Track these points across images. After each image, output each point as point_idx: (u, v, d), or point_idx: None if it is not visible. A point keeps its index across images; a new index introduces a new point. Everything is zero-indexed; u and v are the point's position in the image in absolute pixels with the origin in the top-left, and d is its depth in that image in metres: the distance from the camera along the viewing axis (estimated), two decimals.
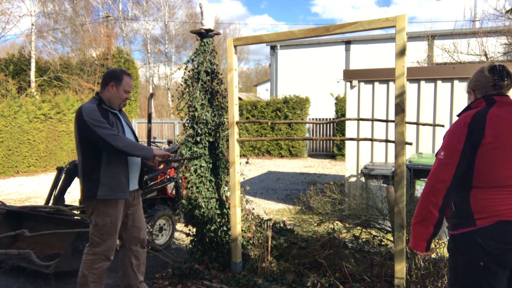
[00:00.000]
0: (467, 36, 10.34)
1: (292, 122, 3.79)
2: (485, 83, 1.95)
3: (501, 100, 1.89)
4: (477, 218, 1.80)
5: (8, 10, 16.78)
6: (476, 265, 1.79)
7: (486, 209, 1.79)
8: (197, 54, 3.85)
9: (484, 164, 1.79)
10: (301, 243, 4.12)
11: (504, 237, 1.74)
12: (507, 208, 1.77)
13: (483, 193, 1.82)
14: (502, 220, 1.76)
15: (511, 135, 1.80)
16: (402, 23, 2.83)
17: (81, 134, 2.84)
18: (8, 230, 4.32)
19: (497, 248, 1.74)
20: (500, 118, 1.82)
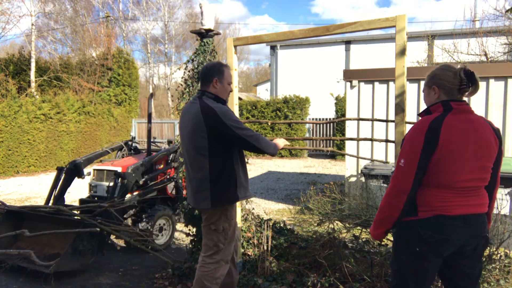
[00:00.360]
0: (467, 36, 10.33)
1: (292, 122, 3.80)
2: (453, 85, 2.06)
3: (457, 107, 2.03)
4: (420, 210, 2.01)
5: (8, 10, 16.78)
6: (413, 249, 2.02)
7: (429, 203, 1.99)
8: (197, 54, 3.85)
9: (436, 169, 1.97)
10: (301, 243, 4.12)
11: (439, 229, 1.96)
12: (448, 205, 1.97)
13: (429, 191, 2.01)
14: (440, 214, 1.97)
15: (462, 143, 1.96)
16: (402, 23, 2.83)
17: (217, 137, 2.60)
18: (8, 230, 4.32)
19: (432, 237, 1.96)
20: (454, 127, 1.97)
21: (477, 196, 2.02)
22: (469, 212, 1.98)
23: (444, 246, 1.97)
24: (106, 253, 4.22)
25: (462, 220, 1.96)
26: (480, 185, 2.03)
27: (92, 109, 14.50)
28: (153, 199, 5.32)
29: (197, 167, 2.66)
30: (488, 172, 2.05)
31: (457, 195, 1.98)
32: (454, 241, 1.97)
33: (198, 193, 2.68)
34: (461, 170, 1.96)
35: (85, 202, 5.01)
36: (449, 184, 1.97)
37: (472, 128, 2.00)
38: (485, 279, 3.11)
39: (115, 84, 16.59)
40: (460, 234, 1.97)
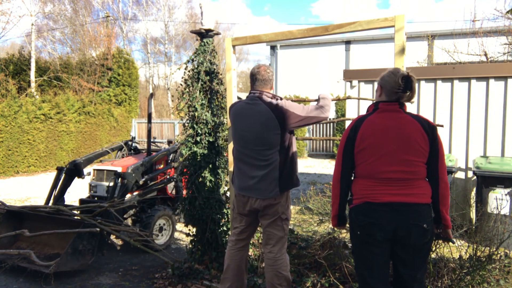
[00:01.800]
0: (467, 36, 10.33)
1: None
2: (392, 88, 2.31)
3: (384, 107, 2.31)
4: (354, 199, 2.35)
5: (8, 10, 16.78)
6: (355, 234, 2.34)
7: (359, 192, 2.32)
8: (197, 54, 3.85)
9: (359, 161, 2.30)
10: (301, 243, 4.12)
11: (368, 213, 2.26)
12: (373, 193, 2.25)
13: (360, 181, 2.33)
14: (368, 201, 2.27)
15: (380, 138, 2.24)
16: (401, 22, 2.83)
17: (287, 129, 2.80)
18: (8, 230, 4.33)
19: (362, 221, 2.26)
20: (373, 124, 2.27)
21: (406, 186, 2.22)
22: (395, 200, 2.20)
23: (374, 229, 2.22)
24: (106, 253, 4.22)
25: (388, 207, 2.21)
26: (407, 178, 2.23)
27: (92, 109, 14.50)
28: (153, 199, 5.32)
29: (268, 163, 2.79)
30: (414, 165, 2.23)
31: (380, 185, 2.24)
32: (383, 225, 2.20)
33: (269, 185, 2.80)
34: (380, 162, 2.23)
35: (85, 202, 5.01)
36: (371, 175, 2.26)
37: (394, 125, 2.25)
38: (485, 279, 3.11)
39: (115, 84, 16.59)
40: (388, 219, 2.20)
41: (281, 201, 2.85)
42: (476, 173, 4.82)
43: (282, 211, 2.87)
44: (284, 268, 2.86)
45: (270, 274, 2.86)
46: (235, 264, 3.01)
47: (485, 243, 3.22)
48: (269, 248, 2.90)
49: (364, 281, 2.32)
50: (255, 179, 2.83)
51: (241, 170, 2.93)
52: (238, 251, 3.03)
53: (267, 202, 2.83)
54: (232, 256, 3.03)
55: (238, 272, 3.02)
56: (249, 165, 2.86)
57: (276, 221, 2.88)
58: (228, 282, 3.02)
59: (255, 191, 2.84)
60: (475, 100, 5.51)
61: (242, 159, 2.91)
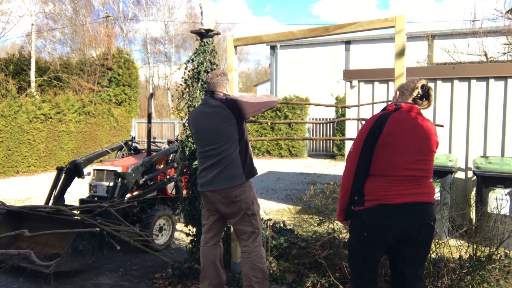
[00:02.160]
0: (467, 36, 10.33)
1: (292, 122, 3.80)
2: (409, 95, 2.38)
3: (407, 107, 2.34)
4: (366, 200, 2.29)
5: (8, 10, 16.77)
6: (361, 235, 2.32)
7: (373, 193, 2.28)
8: (197, 54, 3.85)
9: (378, 156, 2.26)
10: (301, 243, 4.12)
11: (382, 216, 2.23)
12: (388, 194, 2.23)
13: (374, 180, 2.29)
14: (382, 203, 2.24)
15: (403, 133, 2.27)
16: (401, 23, 2.83)
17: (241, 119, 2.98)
18: (8, 230, 4.33)
19: (376, 224, 2.24)
20: (398, 120, 2.28)
21: (416, 185, 2.26)
22: (407, 201, 2.23)
23: (387, 231, 2.24)
24: (106, 253, 4.22)
25: (402, 208, 2.22)
26: (419, 175, 2.27)
27: (92, 109, 14.50)
28: (153, 199, 5.32)
29: (228, 155, 2.92)
30: (427, 164, 2.31)
31: (394, 185, 2.24)
32: (396, 227, 2.22)
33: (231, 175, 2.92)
34: (399, 159, 2.24)
35: (85, 202, 5.01)
36: (388, 172, 2.25)
37: (415, 124, 2.30)
38: (485, 279, 3.11)
39: (115, 84, 16.58)
40: (400, 220, 2.22)
41: (243, 198, 2.94)
42: (476, 173, 4.82)
43: (246, 207, 2.96)
44: (258, 260, 2.97)
45: (245, 266, 2.99)
46: (210, 262, 3.12)
47: (485, 243, 3.23)
48: (243, 243, 3.03)
49: (360, 274, 2.40)
50: (217, 172, 2.94)
51: (204, 168, 3.03)
52: (210, 249, 3.13)
53: (229, 199, 2.92)
54: (206, 255, 3.13)
55: (214, 269, 3.13)
56: (211, 161, 2.97)
57: (243, 218, 2.98)
58: (207, 280, 3.12)
59: (218, 183, 2.93)
60: (475, 100, 5.51)
61: (205, 156, 3.02)
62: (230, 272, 3.69)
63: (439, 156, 5.24)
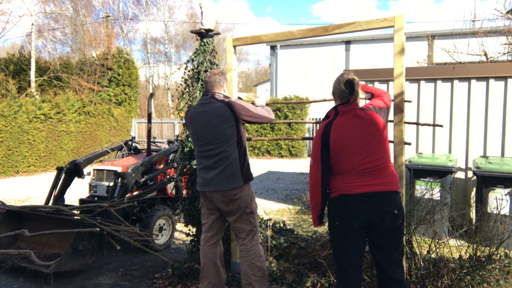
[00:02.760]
0: (467, 36, 10.32)
1: (292, 122, 3.80)
2: (340, 93, 2.57)
3: (343, 109, 2.53)
4: (331, 192, 2.54)
5: (8, 10, 16.76)
6: (333, 224, 2.54)
7: (335, 186, 2.52)
8: (197, 54, 3.85)
9: (335, 161, 2.49)
10: (301, 243, 4.12)
11: (343, 205, 2.47)
12: (348, 186, 2.45)
13: (335, 177, 2.53)
14: (343, 194, 2.47)
15: (349, 138, 2.46)
16: (400, 22, 2.83)
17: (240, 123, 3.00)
18: (8, 230, 4.33)
19: (339, 212, 2.49)
20: (340, 127, 2.48)
21: (376, 176, 2.43)
22: (368, 191, 2.40)
23: (349, 218, 2.43)
24: (106, 253, 4.22)
25: (362, 197, 2.41)
26: (376, 165, 2.44)
27: (92, 109, 14.50)
28: (153, 199, 5.32)
29: (227, 155, 2.93)
30: (379, 153, 2.47)
31: (354, 178, 2.44)
32: (358, 214, 2.41)
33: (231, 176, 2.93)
34: (354, 159, 2.44)
35: (85, 202, 5.01)
36: (347, 171, 2.46)
37: (354, 123, 2.48)
38: (485, 279, 3.11)
39: (115, 84, 16.58)
40: (362, 208, 2.40)
41: (242, 196, 2.95)
42: (476, 173, 4.82)
43: (245, 205, 2.98)
44: (257, 258, 2.99)
45: (244, 265, 3.00)
46: (210, 261, 3.12)
47: (485, 243, 3.23)
48: (241, 241, 3.05)
49: (340, 265, 2.55)
50: (216, 172, 2.95)
51: (202, 168, 3.03)
52: (210, 248, 3.13)
53: (228, 198, 2.93)
54: (206, 254, 3.13)
55: (214, 268, 3.13)
56: (210, 161, 2.98)
57: (241, 216, 3.00)
58: (206, 279, 3.12)
59: (217, 184, 2.95)
60: (475, 100, 5.50)
61: (203, 156, 3.03)
62: (230, 272, 3.69)
63: (439, 156, 5.24)
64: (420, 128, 5.86)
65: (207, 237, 3.16)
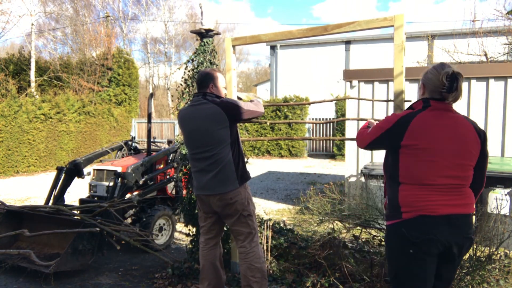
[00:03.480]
0: (467, 36, 10.32)
1: (292, 122, 3.79)
2: (435, 87, 2.07)
3: (436, 105, 2.06)
4: (403, 212, 2.02)
5: (8, 10, 16.76)
6: (403, 252, 2.03)
7: (411, 204, 2.01)
8: (197, 54, 3.85)
9: (406, 163, 2.03)
10: (301, 243, 4.12)
11: (424, 229, 1.97)
12: (428, 204, 1.98)
13: (409, 189, 2.03)
14: (423, 214, 1.97)
15: (433, 138, 1.99)
16: (400, 22, 2.83)
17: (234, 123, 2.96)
18: (8, 230, 4.32)
19: (418, 237, 1.96)
20: (425, 122, 2.01)
21: (460, 195, 2.02)
22: (452, 212, 1.98)
23: (431, 245, 1.96)
24: (106, 253, 4.22)
25: (445, 220, 1.96)
26: (462, 184, 2.02)
27: (92, 109, 14.50)
28: (153, 199, 5.32)
29: (221, 158, 2.86)
30: (468, 170, 2.05)
31: (437, 194, 1.98)
32: (440, 240, 1.96)
33: (226, 180, 2.87)
34: (435, 165, 1.98)
35: (85, 202, 5.01)
36: (422, 180, 1.99)
37: (448, 124, 2.02)
38: (485, 279, 3.11)
39: (115, 84, 16.58)
40: (445, 234, 1.96)
41: (238, 199, 2.90)
42: None
43: (242, 208, 2.94)
44: (256, 260, 2.96)
45: (243, 267, 2.97)
46: (210, 263, 3.11)
47: (485, 243, 3.22)
48: (240, 243, 3.02)
49: None
50: (211, 175, 2.89)
51: (197, 170, 2.98)
52: (210, 250, 3.12)
53: (225, 201, 2.89)
54: (205, 256, 3.12)
55: (214, 270, 3.12)
56: (204, 163, 2.91)
57: (239, 219, 2.96)
58: (206, 281, 3.12)
59: (213, 188, 2.89)
60: (475, 100, 5.50)
61: (197, 159, 2.96)
62: (230, 272, 3.69)
63: None
64: None
65: (206, 239, 3.13)
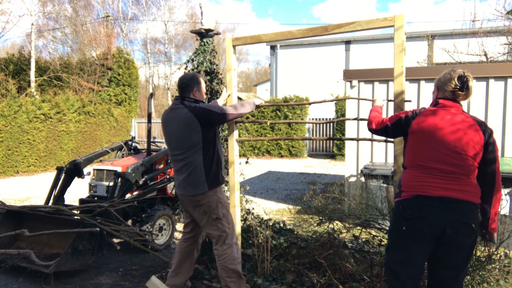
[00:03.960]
0: (467, 36, 10.33)
1: (292, 122, 3.79)
2: (447, 87, 2.34)
3: (443, 103, 2.33)
4: (403, 191, 2.28)
5: (8, 10, 16.76)
6: (398, 228, 2.27)
7: (409, 184, 2.26)
8: (197, 54, 3.85)
9: (410, 148, 2.32)
10: (301, 243, 4.12)
11: (418, 207, 2.18)
12: (423, 185, 2.19)
13: (410, 172, 2.29)
14: (419, 194, 2.19)
15: (433, 127, 2.24)
16: (401, 22, 2.83)
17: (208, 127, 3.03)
18: (8, 230, 4.32)
19: (411, 214, 2.19)
20: (432, 112, 2.30)
21: (456, 181, 2.17)
22: (446, 195, 2.14)
23: (422, 223, 2.15)
24: (106, 253, 4.22)
25: (438, 201, 2.13)
26: (458, 171, 2.18)
27: (92, 109, 14.50)
28: (153, 199, 5.32)
29: (191, 161, 2.99)
30: (465, 160, 2.19)
31: (432, 177, 2.19)
32: (432, 220, 2.13)
33: (195, 183, 3.00)
34: (437, 152, 2.20)
35: (85, 202, 5.01)
36: (421, 163, 2.24)
37: (451, 118, 2.25)
38: (485, 279, 3.11)
39: (115, 84, 16.59)
40: (437, 214, 2.13)
41: (205, 202, 3.02)
42: None
43: (210, 211, 3.04)
44: (230, 262, 3.06)
45: (219, 268, 3.12)
46: (179, 251, 3.36)
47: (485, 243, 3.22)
48: (214, 246, 3.15)
49: (395, 276, 2.25)
50: (183, 176, 3.04)
51: (175, 170, 3.16)
52: (183, 242, 3.37)
53: (194, 203, 3.05)
54: (178, 245, 3.40)
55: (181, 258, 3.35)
56: (178, 164, 3.07)
57: (209, 222, 3.09)
58: (172, 266, 3.40)
59: (185, 188, 3.06)
60: (475, 100, 5.50)
61: (173, 160, 3.14)
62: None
63: None
64: None
65: (183, 233, 3.38)
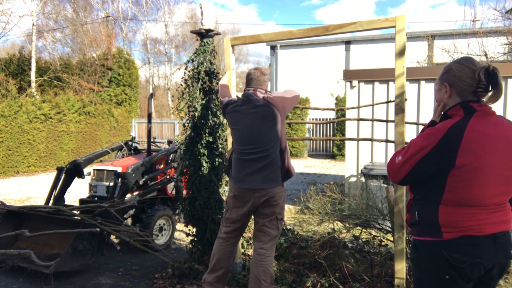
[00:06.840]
0: (467, 36, 10.33)
1: (292, 122, 3.80)
2: (467, 86, 1.74)
3: (481, 109, 1.71)
4: (444, 232, 1.71)
5: (8, 10, 16.76)
6: (441, 277, 1.72)
7: (454, 223, 1.70)
8: (197, 54, 3.85)
9: (457, 188, 1.68)
10: (301, 243, 4.11)
11: (471, 251, 1.67)
12: (476, 224, 1.68)
13: (454, 209, 1.71)
14: (469, 234, 1.68)
15: (491, 152, 1.65)
16: (402, 23, 2.83)
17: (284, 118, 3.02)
18: (8, 230, 4.32)
19: (463, 261, 1.67)
20: (480, 133, 1.66)
21: (504, 211, 1.74)
22: (497, 230, 1.70)
23: (474, 270, 1.68)
24: (106, 253, 4.22)
25: (491, 240, 1.68)
26: (506, 199, 1.75)
27: (92, 109, 14.50)
28: (153, 199, 5.32)
29: (269, 154, 2.89)
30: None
31: (485, 212, 1.69)
32: (487, 263, 1.68)
33: (272, 177, 2.90)
34: (490, 184, 1.67)
35: (85, 202, 5.01)
36: (473, 201, 1.68)
37: (500, 133, 1.70)
38: None
39: (115, 84, 16.59)
40: (490, 255, 1.69)
41: (280, 202, 2.97)
42: None
43: (279, 211, 2.99)
44: (270, 265, 2.99)
45: (257, 269, 2.94)
46: (226, 257, 3.13)
47: None
48: (261, 244, 2.99)
49: None
50: (258, 171, 2.90)
51: (243, 165, 2.96)
52: (228, 247, 3.13)
53: (267, 202, 2.92)
54: (222, 251, 3.11)
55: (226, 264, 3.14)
56: (250, 159, 2.91)
57: (272, 221, 2.99)
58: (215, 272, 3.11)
59: (260, 183, 2.90)
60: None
61: (244, 153, 2.94)
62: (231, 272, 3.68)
63: None
64: (420, 128, 5.85)
65: (227, 236, 3.10)
